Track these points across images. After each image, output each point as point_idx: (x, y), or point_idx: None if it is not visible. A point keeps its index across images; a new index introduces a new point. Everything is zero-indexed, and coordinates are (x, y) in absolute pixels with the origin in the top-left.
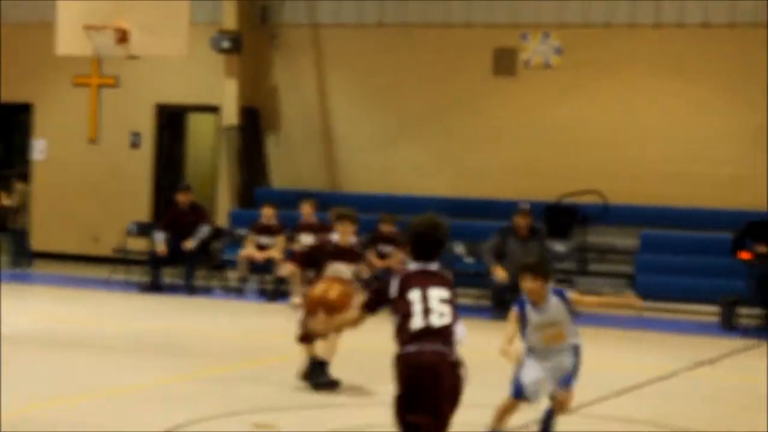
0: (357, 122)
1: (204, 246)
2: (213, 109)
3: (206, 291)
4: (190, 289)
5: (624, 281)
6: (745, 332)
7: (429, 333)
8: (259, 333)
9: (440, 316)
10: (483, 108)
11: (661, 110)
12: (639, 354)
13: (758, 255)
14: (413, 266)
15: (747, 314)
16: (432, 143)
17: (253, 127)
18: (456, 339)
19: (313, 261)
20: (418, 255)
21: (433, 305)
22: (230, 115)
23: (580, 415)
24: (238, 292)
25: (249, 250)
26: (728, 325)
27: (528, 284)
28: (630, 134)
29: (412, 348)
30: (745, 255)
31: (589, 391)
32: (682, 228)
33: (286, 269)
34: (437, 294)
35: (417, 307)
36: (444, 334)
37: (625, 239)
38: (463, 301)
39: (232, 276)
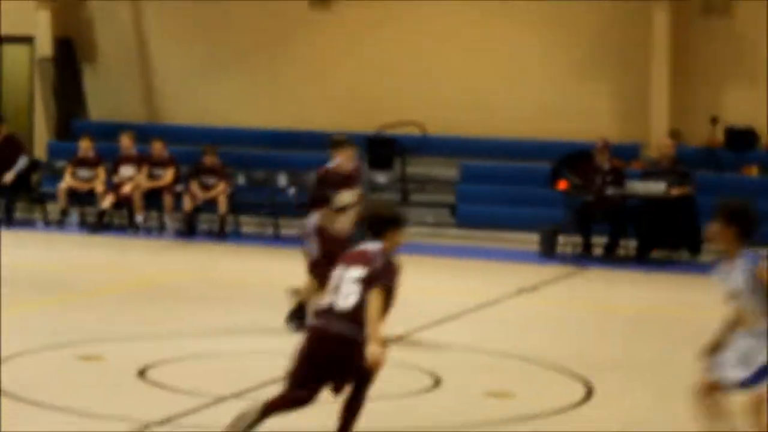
0: (176, 53)
1: (23, 179)
2: (27, 40)
3: (27, 224)
4: (9, 222)
5: (445, 211)
6: (564, 259)
7: (336, 312)
8: (81, 265)
9: (339, 295)
10: (302, 40)
11: (481, 41)
12: (462, 282)
13: (575, 185)
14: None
15: (565, 242)
16: (252, 75)
17: (69, 59)
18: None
19: (323, 195)
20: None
21: (342, 286)
22: (44, 46)
23: (402, 343)
24: (59, 224)
25: (68, 182)
26: (548, 253)
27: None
28: (449, 65)
29: (317, 322)
30: (562, 185)
31: (412, 318)
32: (502, 158)
33: (107, 201)
34: (350, 274)
35: (331, 284)
36: (353, 314)
37: (446, 170)
38: (287, 231)
39: (53, 209)
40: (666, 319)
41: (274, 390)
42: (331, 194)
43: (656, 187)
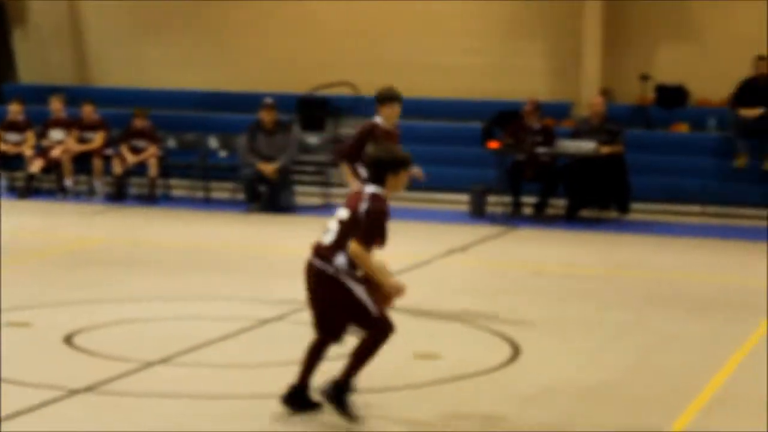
0: (106, 15)
1: None
2: None
3: None
4: None
5: None
6: (494, 220)
7: (317, 247)
8: (9, 231)
9: (326, 233)
10: (233, 1)
11: (411, 2)
12: (391, 243)
13: (506, 144)
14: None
15: (496, 202)
16: (183, 36)
17: None
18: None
19: (361, 151)
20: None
21: (330, 224)
22: None
23: None
24: None
25: None
26: (478, 213)
27: None
28: (381, 25)
29: (309, 257)
30: (493, 144)
31: None
32: (434, 118)
33: (36, 166)
34: (339, 214)
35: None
36: (326, 250)
37: None
38: (218, 195)
39: None
40: (595, 279)
41: (201, 354)
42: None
43: (586, 146)
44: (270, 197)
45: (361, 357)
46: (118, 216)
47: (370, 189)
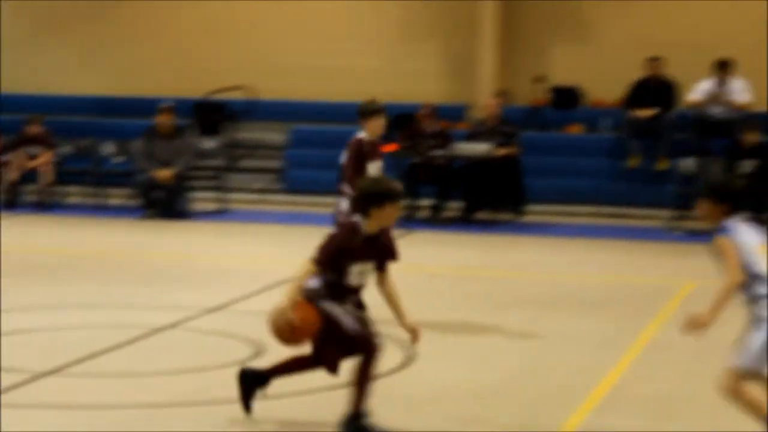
0: None
1: None
2: None
3: None
4: None
5: (275, 176)
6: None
7: None
8: None
9: None
10: (128, 4)
11: (309, 4)
12: (289, 248)
13: (402, 147)
14: None
15: None
16: (78, 41)
17: None
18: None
19: (359, 168)
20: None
21: None
22: None
23: (229, 312)
24: None
25: None
26: None
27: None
28: (277, 28)
29: None
30: (389, 147)
31: (239, 286)
32: (330, 122)
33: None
34: None
35: None
36: None
37: (274, 134)
38: (113, 201)
39: None
40: (490, 281)
41: (93, 364)
42: (365, 167)
43: (481, 148)
44: (166, 203)
45: (360, 383)
46: (11, 224)
47: (355, 218)
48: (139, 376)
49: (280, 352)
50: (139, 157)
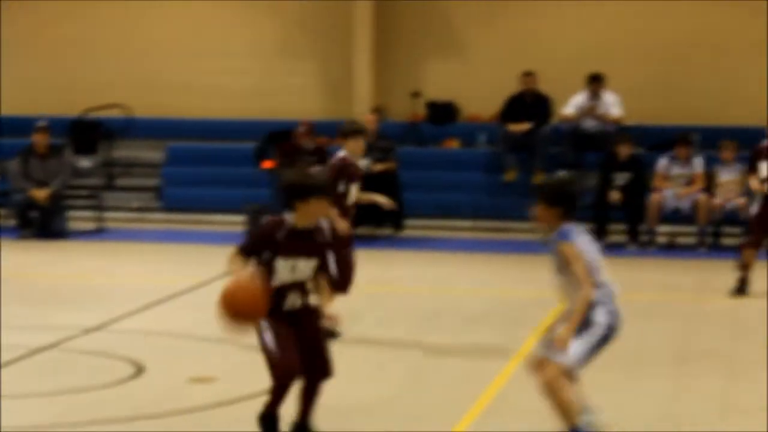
0: None
1: None
2: None
3: None
4: None
5: (151, 195)
6: None
7: None
8: None
9: None
10: (2, 21)
11: (185, 21)
12: (167, 266)
13: (280, 164)
14: None
15: None
16: None
17: None
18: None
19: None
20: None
21: None
22: None
23: (109, 332)
24: None
25: None
26: None
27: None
28: (154, 46)
29: None
30: (267, 164)
31: (116, 306)
32: (207, 139)
33: None
34: None
35: None
36: None
37: (151, 152)
38: None
39: None
40: (370, 297)
41: None
42: (344, 187)
43: (360, 164)
44: (42, 223)
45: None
46: None
47: (287, 217)
48: (20, 398)
49: (160, 372)
50: (15, 177)
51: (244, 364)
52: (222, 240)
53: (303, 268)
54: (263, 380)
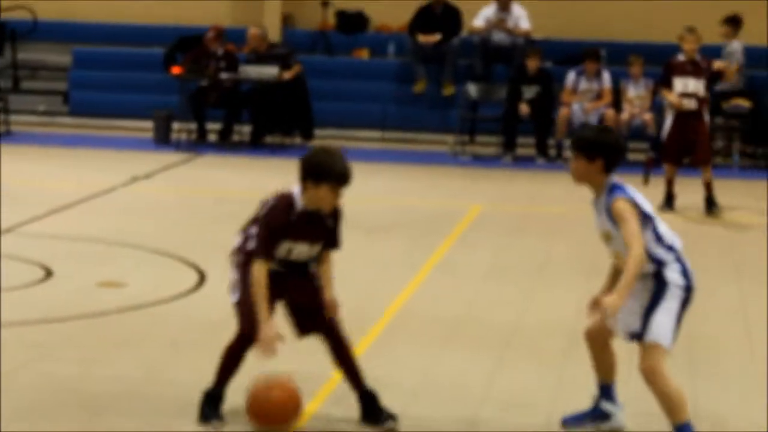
0: None
1: None
2: None
3: None
4: None
5: (58, 98)
6: (179, 146)
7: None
8: None
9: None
10: None
11: None
12: (74, 171)
13: (189, 70)
14: None
15: (180, 129)
16: None
17: None
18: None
19: None
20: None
21: None
22: None
23: (16, 235)
24: None
25: None
26: (163, 140)
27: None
28: None
29: None
30: (176, 70)
31: (23, 210)
32: (114, 43)
33: None
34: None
35: None
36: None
37: (57, 56)
38: None
39: None
40: None
41: None
42: None
43: (269, 72)
44: None
45: (222, 362)
46: None
47: (294, 187)
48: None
49: (68, 276)
50: None
51: (154, 270)
52: (129, 145)
53: (302, 250)
54: (172, 285)
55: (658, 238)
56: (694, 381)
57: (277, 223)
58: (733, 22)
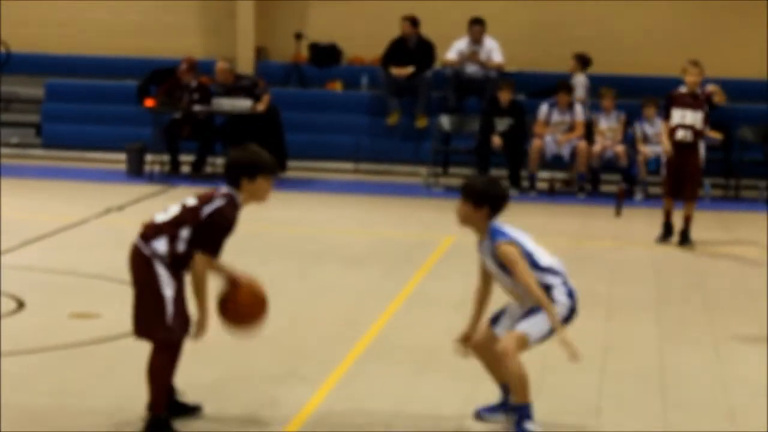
0: None
1: None
2: None
3: None
4: None
5: (31, 130)
6: (152, 178)
7: (144, 226)
8: None
9: (162, 213)
10: None
11: None
12: (48, 203)
13: (162, 102)
14: None
15: (153, 161)
16: None
17: None
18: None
19: None
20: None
21: (171, 206)
22: None
23: None
24: None
25: None
26: (136, 172)
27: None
28: None
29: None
30: (149, 102)
31: (4, 241)
32: (88, 76)
33: None
34: (186, 200)
35: None
36: (151, 229)
37: (30, 88)
38: None
39: None
40: (252, 236)
41: None
42: None
43: (243, 104)
44: None
45: (152, 380)
46: None
47: (226, 189)
48: None
49: (41, 307)
50: None
51: (127, 301)
52: (102, 178)
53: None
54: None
55: (544, 269)
56: (665, 411)
57: (230, 223)
58: (581, 60)
